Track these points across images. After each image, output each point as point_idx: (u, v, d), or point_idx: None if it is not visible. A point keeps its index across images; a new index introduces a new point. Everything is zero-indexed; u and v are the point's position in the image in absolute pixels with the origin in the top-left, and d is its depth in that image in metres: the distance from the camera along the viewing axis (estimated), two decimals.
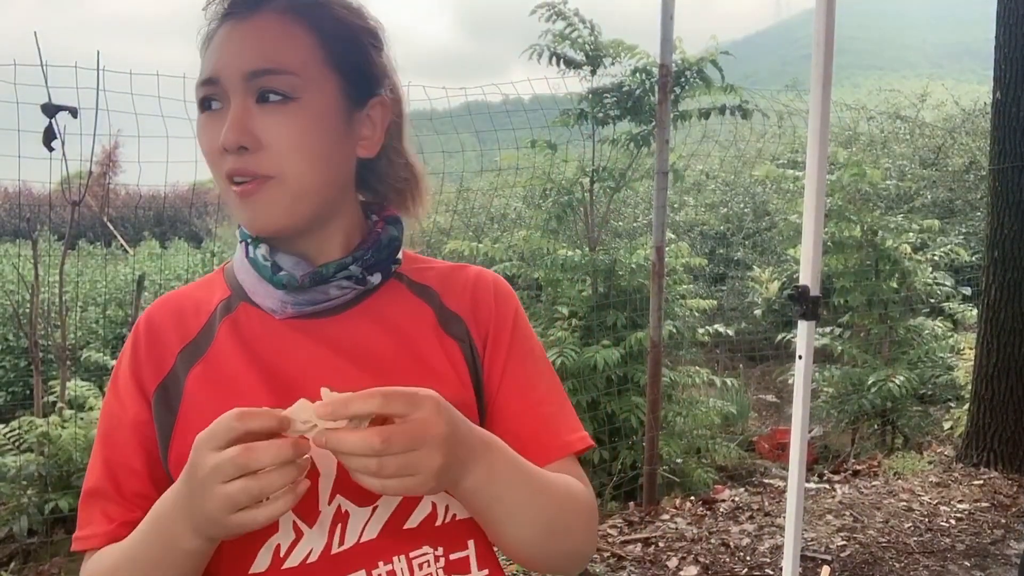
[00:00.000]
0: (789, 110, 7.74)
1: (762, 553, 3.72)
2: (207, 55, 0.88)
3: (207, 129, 0.87)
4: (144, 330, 0.94)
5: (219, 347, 0.91)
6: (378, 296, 0.95)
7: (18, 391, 5.74)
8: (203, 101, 0.87)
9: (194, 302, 0.96)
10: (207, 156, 0.88)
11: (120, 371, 0.93)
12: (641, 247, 5.11)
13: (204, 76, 0.86)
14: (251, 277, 0.92)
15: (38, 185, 4.12)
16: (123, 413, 0.90)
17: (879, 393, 5.23)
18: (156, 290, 6.92)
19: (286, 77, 0.85)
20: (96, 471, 0.90)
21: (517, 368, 0.96)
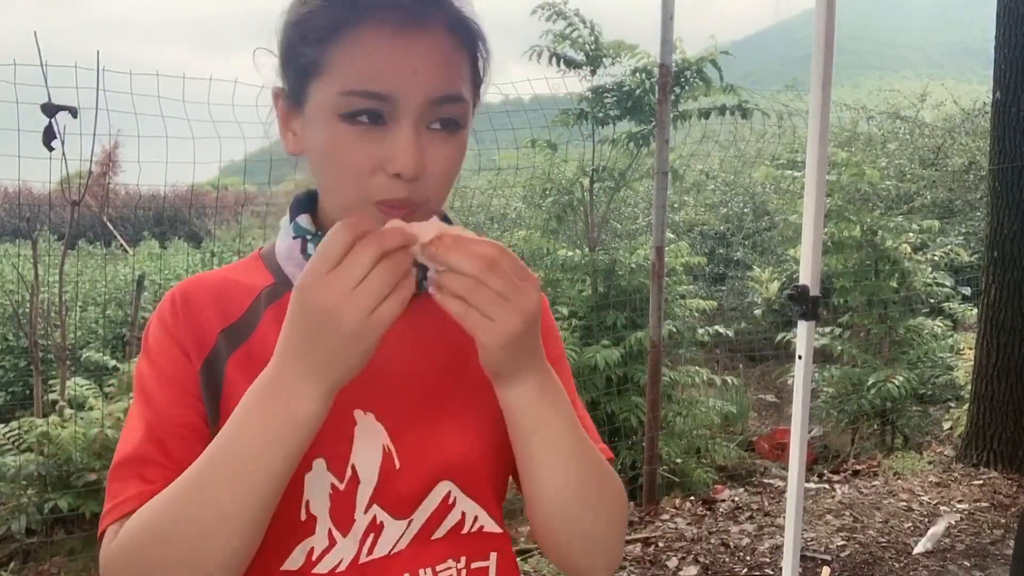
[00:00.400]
0: (789, 110, 7.74)
1: (762, 553, 3.72)
2: (361, 59, 0.77)
3: (359, 143, 0.78)
4: (181, 301, 0.88)
5: (263, 334, 0.86)
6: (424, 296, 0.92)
7: (18, 391, 5.73)
8: (360, 112, 0.77)
9: (233, 284, 0.91)
10: (349, 171, 0.79)
11: (158, 338, 0.86)
12: (641, 247, 5.11)
13: (374, 88, 0.76)
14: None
15: (38, 185, 4.12)
16: (170, 374, 0.84)
17: (879, 393, 5.23)
18: (156, 290, 6.92)
19: (461, 106, 0.81)
20: (133, 438, 0.82)
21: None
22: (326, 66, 0.78)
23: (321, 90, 0.79)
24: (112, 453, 0.83)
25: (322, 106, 0.79)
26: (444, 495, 0.86)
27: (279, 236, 0.93)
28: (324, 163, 0.81)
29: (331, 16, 0.79)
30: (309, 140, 0.83)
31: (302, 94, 0.82)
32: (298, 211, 0.91)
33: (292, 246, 0.89)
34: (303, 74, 0.81)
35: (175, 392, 0.83)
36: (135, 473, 0.80)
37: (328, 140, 0.79)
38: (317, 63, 0.79)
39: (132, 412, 0.86)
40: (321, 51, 0.79)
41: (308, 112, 0.81)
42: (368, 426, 0.84)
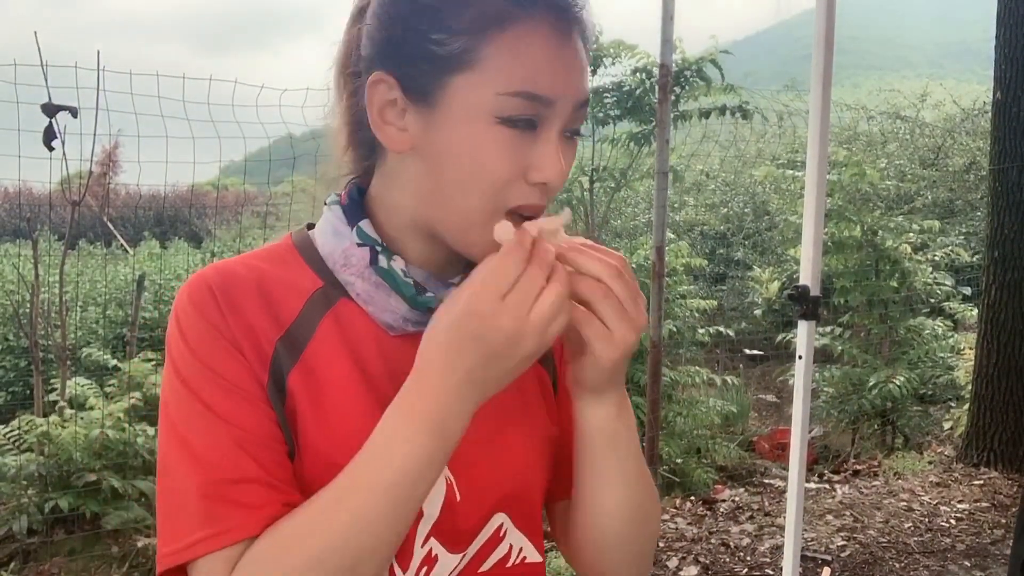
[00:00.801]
0: (789, 110, 7.74)
1: (762, 553, 3.72)
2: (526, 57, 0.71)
3: (509, 149, 0.72)
4: (222, 296, 0.76)
5: (320, 347, 0.78)
6: None
7: (18, 391, 5.73)
8: (520, 116, 0.72)
9: (278, 282, 0.80)
10: (495, 177, 0.73)
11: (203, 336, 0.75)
12: (641, 247, 5.11)
13: (539, 92, 0.71)
14: (368, 284, 0.80)
15: (38, 185, 4.13)
16: (233, 379, 0.74)
17: (879, 393, 5.23)
18: (156, 290, 6.92)
19: (586, 111, 0.79)
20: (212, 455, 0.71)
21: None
22: (479, 62, 0.71)
23: (471, 87, 0.72)
24: (112, 453, 0.75)
25: (473, 106, 0.72)
26: (496, 527, 0.84)
27: (322, 231, 0.83)
28: (460, 166, 0.73)
29: (489, 5, 0.71)
30: (437, 139, 0.74)
31: (435, 87, 0.73)
32: (355, 212, 0.82)
33: (351, 252, 0.80)
34: (441, 66, 0.72)
35: (247, 400, 0.74)
36: (234, 498, 0.70)
37: (476, 143, 0.72)
38: (466, 56, 0.71)
39: (189, 424, 0.73)
40: (472, 43, 0.71)
41: (443, 109, 0.73)
42: None
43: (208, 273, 0.78)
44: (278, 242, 0.86)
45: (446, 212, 0.77)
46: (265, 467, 0.72)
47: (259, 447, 0.72)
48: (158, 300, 6.76)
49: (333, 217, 0.83)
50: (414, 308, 0.79)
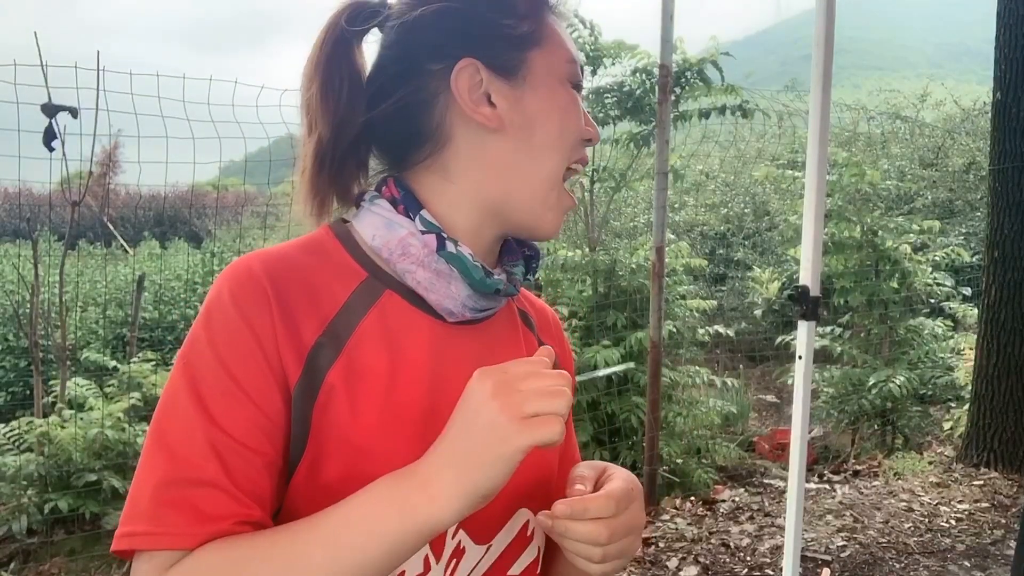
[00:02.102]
0: (789, 110, 7.74)
1: (762, 553, 3.72)
2: (566, 33, 0.87)
3: (578, 109, 0.86)
4: (273, 290, 0.75)
5: (362, 342, 0.77)
6: (498, 316, 0.92)
7: (18, 391, 5.74)
8: (579, 80, 0.87)
9: (321, 273, 0.79)
10: (573, 133, 0.86)
11: (234, 333, 0.73)
12: (641, 247, 5.11)
13: (580, 60, 0.88)
14: (429, 271, 0.80)
15: (38, 185, 4.12)
16: (247, 388, 0.72)
17: (879, 393, 5.23)
18: (156, 290, 6.92)
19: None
20: (184, 451, 0.69)
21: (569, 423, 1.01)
22: (545, 38, 0.84)
23: (546, 59, 0.84)
24: (112, 454, 0.73)
25: (552, 75, 0.84)
26: (523, 524, 0.85)
27: (371, 223, 0.83)
28: (548, 129, 0.84)
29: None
30: (527, 109, 0.83)
31: (518, 64, 0.83)
32: (414, 204, 0.83)
33: (410, 240, 0.80)
34: (518, 44, 0.83)
35: (250, 414, 0.72)
36: (189, 500, 0.68)
37: (562, 105, 0.84)
38: (536, 35, 0.83)
39: (173, 412, 0.72)
40: (535, 23, 0.84)
41: (530, 81, 0.83)
42: None
43: (255, 263, 0.76)
44: (315, 233, 0.85)
45: (529, 181, 0.84)
46: (232, 476, 0.69)
47: (235, 455, 0.70)
48: (158, 300, 6.77)
49: (381, 210, 0.83)
50: (479, 291, 0.82)
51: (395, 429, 0.76)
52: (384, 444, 0.74)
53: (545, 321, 1.01)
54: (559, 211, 0.86)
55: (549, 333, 1.00)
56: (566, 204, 0.87)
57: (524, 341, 0.95)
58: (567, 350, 1.03)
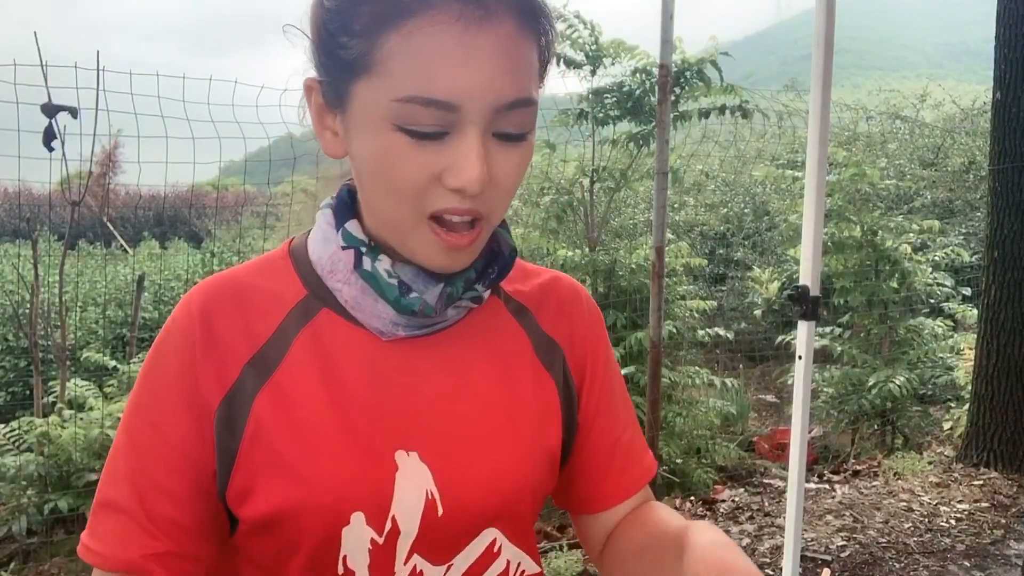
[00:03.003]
0: (789, 110, 7.74)
1: (762, 553, 3.72)
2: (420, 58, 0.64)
3: (415, 155, 0.67)
4: (200, 321, 0.75)
5: (293, 365, 0.76)
6: (479, 312, 0.83)
7: (18, 391, 5.74)
8: (419, 123, 0.66)
9: (262, 295, 0.78)
10: (402, 185, 0.68)
11: (165, 368, 0.75)
12: (641, 247, 5.11)
13: (437, 96, 0.64)
14: (354, 289, 0.76)
15: (38, 185, 4.12)
16: (167, 424, 0.74)
17: (879, 393, 5.23)
18: (156, 290, 6.92)
19: (530, 110, 0.70)
20: (119, 483, 0.75)
21: (609, 401, 0.91)
22: (375, 65, 0.66)
23: (369, 93, 0.67)
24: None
25: (371, 113, 0.67)
26: (490, 543, 0.81)
27: (313, 235, 0.81)
28: (372, 174, 0.71)
29: (380, 2, 0.66)
30: (353, 146, 0.72)
31: (344, 93, 0.70)
32: (344, 214, 0.79)
33: (338, 256, 0.77)
34: (346, 70, 0.68)
35: (170, 452, 0.74)
36: (119, 527, 0.74)
37: (379, 151, 0.68)
38: (363, 60, 0.66)
39: (121, 448, 0.76)
40: (368, 45, 0.66)
41: (352, 115, 0.70)
42: (411, 468, 0.76)
43: (196, 295, 0.78)
44: (278, 248, 0.84)
45: (378, 218, 0.75)
46: (146, 508, 0.73)
47: (150, 489, 0.74)
48: (158, 300, 6.77)
49: (323, 221, 0.80)
50: (399, 312, 0.76)
51: (328, 451, 0.74)
52: (318, 467, 0.73)
53: (550, 303, 0.90)
54: (434, 250, 0.72)
55: (558, 318, 0.89)
56: (441, 244, 0.71)
57: (512, 342, 0.85)
58: (585, 324, 0.91)
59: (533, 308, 0.88)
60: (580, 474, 0.90)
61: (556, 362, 0.87)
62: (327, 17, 0.69)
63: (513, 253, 0.83)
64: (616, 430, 0.90)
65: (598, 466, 0.89)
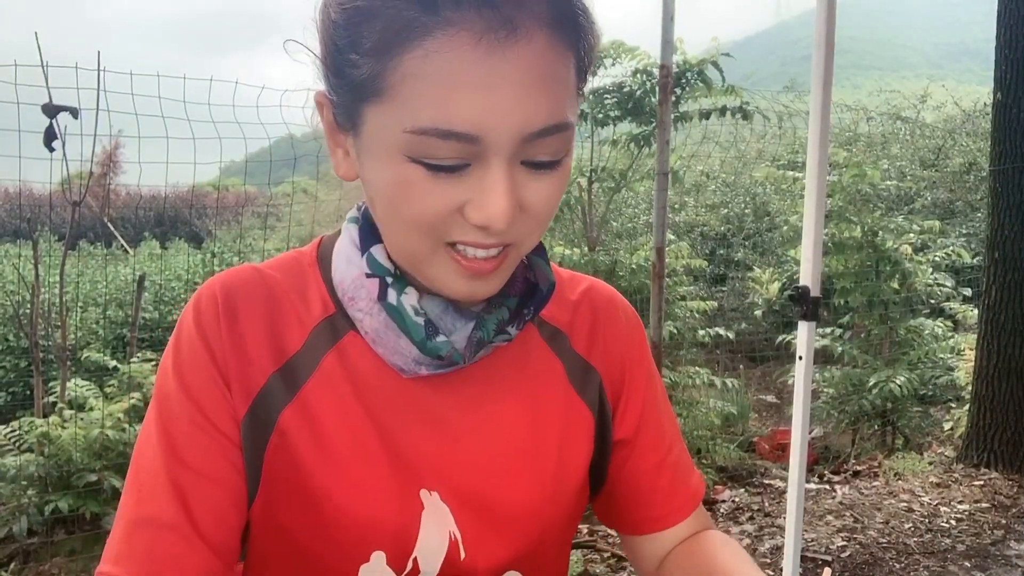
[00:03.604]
0: (789, 111, 7.74)
1: (762, 554, 3.72)
2: (436, 85, 0.57)
3: (432, 189, 0.60)
4: (225, 310, 0.70)
5: (322, 384, 0.71)
6: (489, 358, 0.76)
7: (18, 391, 5.74)
8: (436, 156, 0.59)
9: (290, 300, 0.73)
10: (421, 219, 0.62)
11: (195, 354, 0.70)
12: (641, 248, 5.11)
13: (456, 128, 0.57)
14: (376, 321, 0.70)
15: (38, 185, 4.12)
16: (211, 413, 0.69)
17: (879, 394, 5.23)
18: (156, 290, 6.92)
19: (566, 135, 0.62)
20: (158, 494, 0.66)
21: (651, 417, 0.86)
22: (387, 90, 0.59)
23: (381, 120, 0.60)
24: (112, 454, 0.71)
25: (383, 140, 0.61)
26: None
27: (338, 251, 0.75)
28: (385, 204, 0.65)
29: (393, 18, 0.57)
30: (365, 172, 0.66)
31: (356, 115, 0.63)
32: (370, 235, 0.72)
33: (361, 282, 0.71)
34: (356, 91, 0.61)
35: (213, 440, 0.68)
36: (148, 542, 0.65)
37: (393, 183, 0.61)
38: (374, 83, 0.59)
39: (145, 448, 0.69)
40: (380, 67, 0.59)
41: (364, 140, 0.63)
42: (435, 509, 0.72)
43: (218, 284, 0.72)
44: (305, 249, 0.79)
45: (393, 246, 0.69)
46: (193, 518, 0.66)
47: (198, 491, 0.67)
48: (158, 300, 6.76)
49: (348, 239, 0.74)
50: (423, 353, 0.70)
51: (355, 483, 0.70)
52: (344, 497, 0.70)
53: (585, 321, 0.83)
54: (454, 278, 0.66)
55: (593, 334, 0.83)
56: (462, 272, 0.65)
57: (544, 370, 0.79)
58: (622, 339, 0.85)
59: (568, 330, 0.82)
60: (625, 495, 0.85)
61: (591, 386, 0.81)
62: (335, 32, 0.62)
63: (551, 288, 0.76)
64: (661, 449, 0.86)
65: (645, 487, 0.84)
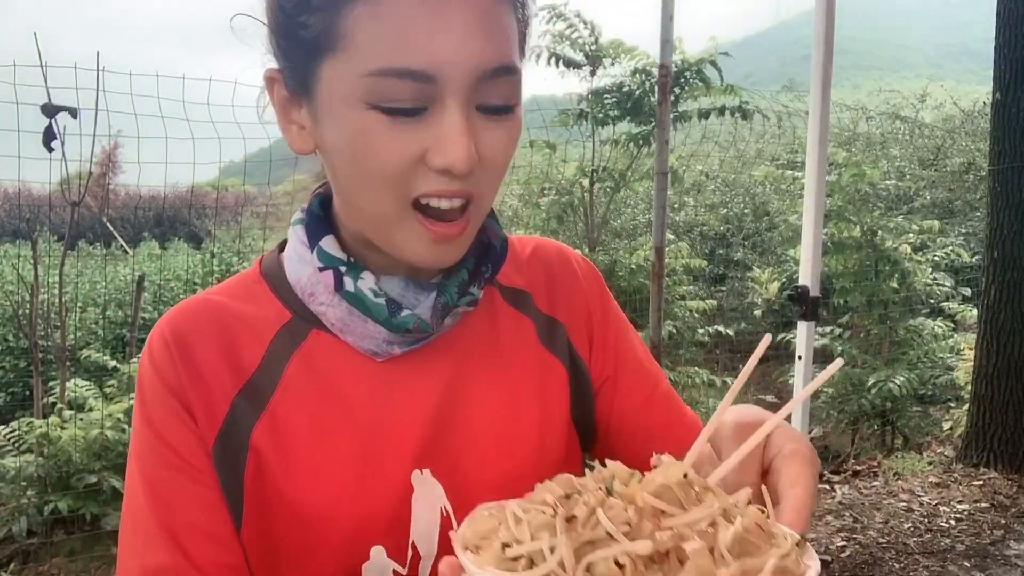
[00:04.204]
0: (789, 111, 7.74)
1: None
2: (388, 26, 0.58)
3: (394, 134, 0.61)
4: (176, 345, 0.70)
5: (288, 393, 0.71)
6: (475, 309, 0.78)
7: (18, 391, 5.73)
8: (394, 98, 0.60)
9: (241, 318, 0.73)
10: (382, 170, 0.62)
11: (158, 397, 0.69)
12: (641, 248, 5.12)
13: (410, 65, 0.58)
14: (340, 311, 0.71)
15: (38, 185, 4.12)
16: (184, 452, 0.69)
17: (879, 393, 5.24)
18: (156, 290, 6.92)
19: (515, 79, 0.64)
20: (153, 543, 0.67)
21: (627, 355, 0.85)
22: (340, 39, 0.60)
23: (336, 72, 0.61)
24: (112, 454, 0.70)
25: (340, 93, 0.61)
26: None
27: (287, 255, 0.75)
28: (348, 162, 0.64)
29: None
30: (325, 135, 0.65)
31: (310, 77, 0.64)
32: (317, 229, 0.73)
33: (316, 278, 0.71)
34: (309, 51, 0.62)
35: (195, 480, 0.68)
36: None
37: (353, 135, 0.62)
38: (327, 36, 0.60)
39: (134, 496, 0.69)
40: (331, 18, 0.60)
41: (320, 100, 0.64)
42: (426, 487, 0.72)
43: (165, 322, 0.72)
44: (248, 270, 0.78)
45: (358, 213, 0.68)
46: (191, 557, 0.66)
47: (194, 534, 0.67)
48: (158, 301, 6.76)
49: (296, 239, 0.74)
50: (392, 331, 0.70)
51: (339, 486, 0.70)
52: (330, 504, 0.70)
53: (541, 278, 0.84)
54: (422, 244, 0.65)
55: (551, 289, 0.83)
56: (429, 236, 0.65)
57: (515, 333, 0.80)
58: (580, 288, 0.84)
59: (530, 289, 0.83)
60: (622, 438, 0.84)
61: (559, 340, 0.81)
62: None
63: (504, 244, 0.77)
64: (646, 385, 0.85)
65: (641, 425, 0.82)
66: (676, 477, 0.48)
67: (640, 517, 0.45)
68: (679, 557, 0.43)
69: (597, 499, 0.46)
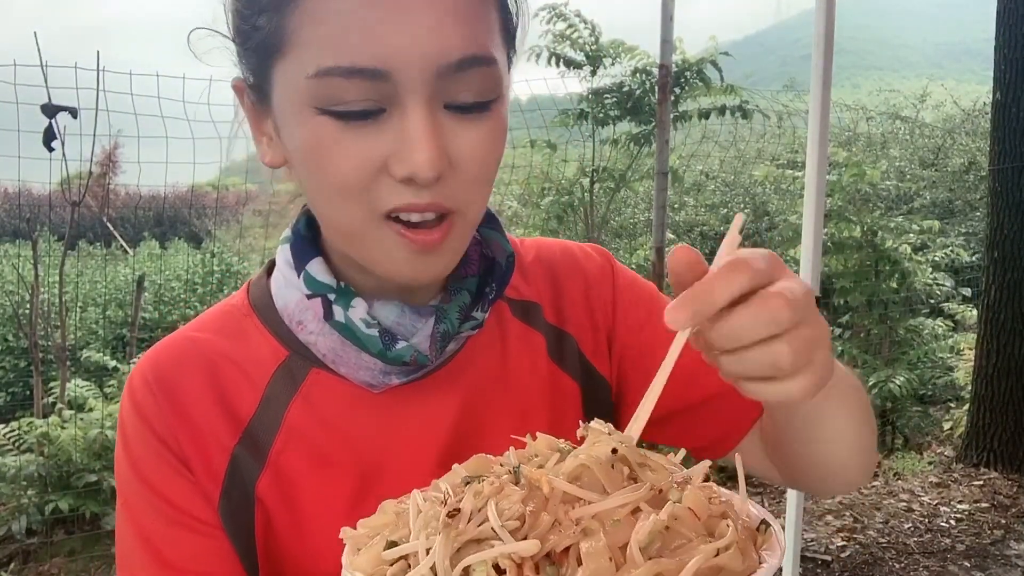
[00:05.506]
0: (789, 110, 7.74)
1: None
2: (334, 20, 0.52)
3: (347, 144, 0.54)
4: (160, 391, 0.64)
5: (291, 443, 0.65)
6: (482, 330, 0.71)
7: (18, 391, 5.73)
8: (344, 100, 0.54)
9: (231, 362, 0.66)
10: (342, 181, 0.55)
11: (145, 456, 0.64)
12: (641, 247, 5.12)
13: (360, 63, 0.52)
14: (330, 340, 0.65)
15: (38, 185, 4.13)
16: (178, 503, 0.64)
17: (879, 393, 5.23)
18: (156, 290, 6.92)
19: (490, 70, 0.56)
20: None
21: (656, 333, 0.73)
22: (287, 39, 0.54)
23: (287, 74, 0.55)
24: (112, 454, 0.68)
25: (290, 98, 0.56)
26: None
27: (275, 278, 0.68)
28: (307, 175, 0.58)
29: None
30: (286, 145, 0.60)
31: (265, 84, 0.58)
32: (303, 250, 0.66)
33: (304, 304, 0.65)
34: (262, 56, 0.57)
35: (192, 530, 0.64)
36: None
37: (306, 144, 0.56)
38: (276, 37, 0.55)
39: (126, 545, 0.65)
40: (278, 18, 0.54)
41: (276, 107, 0.58)
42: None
43: (146, 362, 0.66)
44: (234, 298, 0.71)
45: (332, 229, 0.62)
46: None
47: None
48: (158, 300, 6.76)
49: (283, 261, 0.67)
50: (389, 364, 0.64)
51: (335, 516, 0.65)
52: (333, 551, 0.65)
53: (548, 289, 0.77)
54: (401, 256, 0.59)
55: (557, 296, 0.76)
56: (409, 247, 0.58)
57: (524, 350, 0.73)
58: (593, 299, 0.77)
59: (539, 300, 0.76)
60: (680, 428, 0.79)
61: (569, 354, 0.75)
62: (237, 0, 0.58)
63: (511, 260, 0.71)
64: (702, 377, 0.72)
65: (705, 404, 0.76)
66: (603, 453, 0.42)
67: (542, 507, 0.39)
68: (578, 557, 0.38)
69: (493, 488, 0.40)
